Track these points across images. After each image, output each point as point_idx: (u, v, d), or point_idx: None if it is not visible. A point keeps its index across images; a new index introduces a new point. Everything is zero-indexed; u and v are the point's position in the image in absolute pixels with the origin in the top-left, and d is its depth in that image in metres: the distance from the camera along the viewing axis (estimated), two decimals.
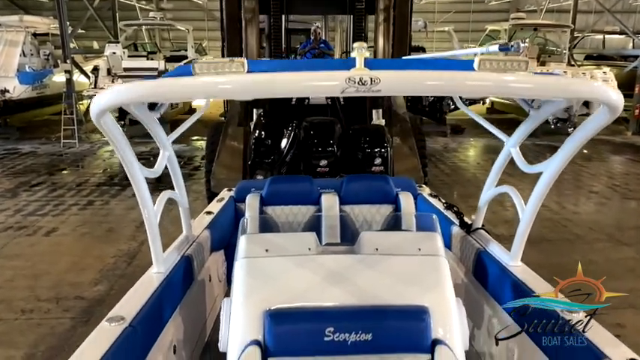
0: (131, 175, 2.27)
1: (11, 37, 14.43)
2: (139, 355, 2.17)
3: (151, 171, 2.44)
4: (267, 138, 5.70)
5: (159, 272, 2.62)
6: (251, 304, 2.02)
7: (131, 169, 2.24)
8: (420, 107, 14.10)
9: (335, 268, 2.13)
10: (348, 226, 3.00)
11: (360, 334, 1.93)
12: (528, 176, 2.62)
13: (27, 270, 5.89)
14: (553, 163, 2.33)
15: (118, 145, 2.08)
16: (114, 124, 1.97)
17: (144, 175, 2.31)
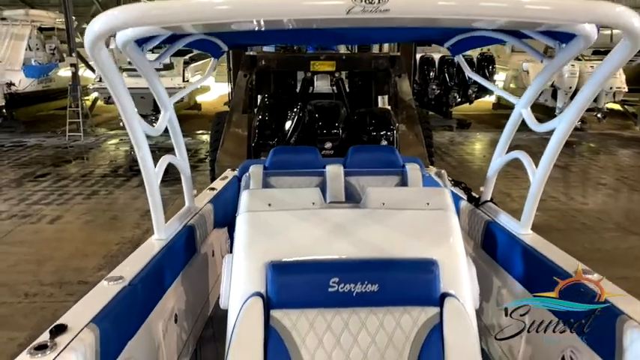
0: (129, 126, 2.15)
1: (17, 31, 14.46)
2: (137, 317, 2.12)
3: (151, 128, 2.37)
4: (271, 120, 5.65)
5: (160, 239, 2.56)
6: (253, 256, 1.95)
7: (128, 118, 2.10)
8: (426, 101, 14.00)
9: (340, 221, 2.05)
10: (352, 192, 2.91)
11: (365, 285, 1.86)
12: None
13: (31, 256, 5.87)
14: (566, 116, 2.23)
15: (112, 84, 1.94)
16: (108, 58, 1.83)
17: (143, 129, 2.22)
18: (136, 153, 2.27)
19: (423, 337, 1.82)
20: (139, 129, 2.17)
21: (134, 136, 2.18)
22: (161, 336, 2.36)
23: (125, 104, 2.01)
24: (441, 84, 13.75)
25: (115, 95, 1.98)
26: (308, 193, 2.20)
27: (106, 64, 1.82)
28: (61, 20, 15.23)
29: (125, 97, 2.00)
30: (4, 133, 13.61)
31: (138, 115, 2.17)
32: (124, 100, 2.00)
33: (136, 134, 2.16)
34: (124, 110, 2.03)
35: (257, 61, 6.50)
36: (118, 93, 1.96)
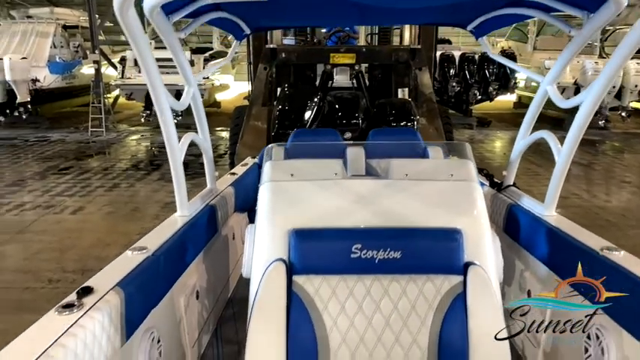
0: (155, 97, 2.13)
1: (42, 29, 14.76)
2: (161, 287, 2.14)
3: (176, 102, 2.38)
4: (291, 110, 5.65)
5: (183, 215, 2.58)
6: (276, 224, 1.95)
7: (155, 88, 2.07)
8: (446, 98, 13.89)
9: (363, 192, 2.03)
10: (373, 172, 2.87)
11: (388, 252, 1.84)
12: None
13: (54, 244, 5.98)
14: (594, 90, 2.14)
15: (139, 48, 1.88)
16: (136, 20, 1.78)
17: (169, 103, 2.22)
18: (161, 126, 2.27)
19: (446, 305, 1.80)
20: (165, 100, 2.17)
21: (159, 108, 2.18)
22: (183, 310, 2.38)
23: (152, 72, 2.01)
24: (461, 81, 13.64)
25: (142, 61, 1.96)
26: (330, 164, 2.19)
27: (133, 27, 1.79)
28: (84, 18, 15.51)
29: (152, 65, 2.00)
30: (29, 128, 13.90)
31: (164, 87, 2.17)
32: (151, 68, 1.99)
33: (162, 106, 2.17)
34: (151, 79, 2.03)
35: (277, 53, 6.52)
36: (145, 59, 1.95)
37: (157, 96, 2.11)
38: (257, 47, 7.25)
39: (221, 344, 2.77)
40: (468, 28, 3.17)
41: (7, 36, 14.68)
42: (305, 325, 1.73)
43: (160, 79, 2.08)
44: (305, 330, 1.73)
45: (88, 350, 1.54)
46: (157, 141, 12.56)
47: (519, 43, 16.35)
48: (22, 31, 14.75)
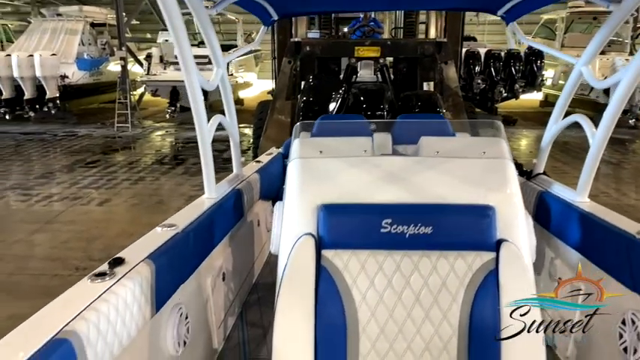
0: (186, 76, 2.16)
1: (71, 27, 15.07)
2: (189, 264, 2.15)
3: (206, 82, 2.39)
4: (315, 102, 5.64)
5: (210, 197, 2.60)
6: (305, 199, 1.93)
7: (187, 67, 2.10)
8: (471, 95, 13.70)
9: (392, 168, 2.00)
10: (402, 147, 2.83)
11: (419, 227, 1.81)
12: None
13: (81, 234, 6.09)
14: (632, 68, 2.07)
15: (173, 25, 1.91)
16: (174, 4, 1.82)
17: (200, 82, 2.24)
18: (191, 106, 2.29)
19: (477, 282, 1.76)
20: (196, 80, 2.19)
21: (190, 87, 2.20)
22: (210, 291, 2.39)
23: (185, 51, 2.03)
24: (487, 78, 13.44)
25: (176, 40, 1.99)
26: (359, 141, 2.17)
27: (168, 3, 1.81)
28: (112, 16, 15.77)
29: (185, 44, 2.02)
30: (58, 123, 14.21)
31: (196, 68, 2.19)
32: (184, 47, 2.02)
33: (193, 85, 2.19)
34: (184, 59, 2.06)
35: (301, 47, 6.52)
36: (179, 38, 1.98)
37: (189, 74, 2.13)
38: (282, 41, 7.26)
39: (246, 327, 2.78)
40: (499, 13, 3.11)
41: (38, 33, 15.05)
42: (333, 299, 1.71)
43: (192, 57, 2.10)
44: (333, 304, 1.71)
45: (120, 317, 1.56)
46: (181, 137, 12.71)
47: (547, 41, 16.05)
48: (51, 29, 15.10)
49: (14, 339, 1.30)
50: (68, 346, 1.31)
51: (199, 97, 2.25)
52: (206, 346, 2.41)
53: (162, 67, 14.08)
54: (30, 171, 9.30)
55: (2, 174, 9.05)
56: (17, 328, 1.35)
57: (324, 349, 1.66)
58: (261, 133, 7.04)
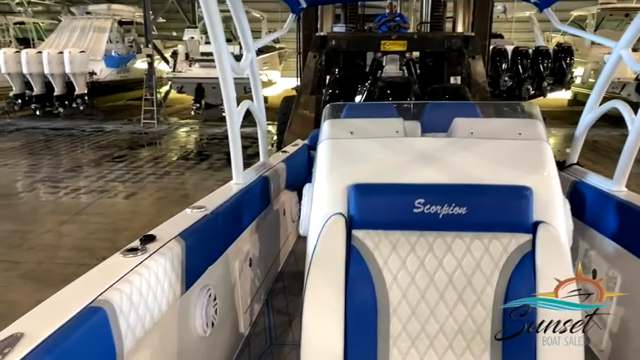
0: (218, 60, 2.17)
1: (100, 24, 15.37)
2: (218, 246, 2.15)
3: (237, 66, 2.39)
4: (341, 95, 5.60)
5: (238, 183, 2.59)
6: (335, 180, 1.89)
7: (219, 50, 2.11)
8: (497, 93, 13.50)
9: (425, 149, 1.95)
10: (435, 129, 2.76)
11: (453, 207, 1.76)
12: None
13: (108, 225, 6.19)
14: None
15: (208, 9, 1.95)
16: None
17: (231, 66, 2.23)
18: (222, 88, 2.29)
19: (513, 264, 1.70)
20: (228, 65, 2.19)
21: (222, 70, 2.20)
22: (237, 275, 2.40)
23: (218, 36, 2.04)
24: (514, 76, 13.21)
25: (210, 24, 2.00)
26: (391, 122, 2.12)
27: None
28: (139, 14, 16.01)
29: (219, 28, 2.03)
30: (86, 119, 14.49)
31: (229, 52, 2.19)
32: (218, 32, 2.02)
33: (224, 69, 2.19)
34: (217, 43, 2.06)
35: (327, 41, 6.49)
36: (213, 23, 1.99)
37: (221, 58, 2.13)
38: (307, 36, 7.25)
39: (272, 314, 2.77)
40: None
41: (68, 31, 15.37)
42: (364, 279, 1.68)
43: (224, 42, 2.11)
44: (364, 285, 1.68)
45: (152, 291, 1.56)
46: (205, 133, 12.83)
47: (577, 38, 15.69)
48: (81, 27, 15.41)
49: (50, 306, 1.31)
50: (102, 315, 1.31)
51: (230, 79, 2.24)
52: (233, 329, 2.41)
53: (187, 64, 14.22)
54: (59, 165, 9.50)
55: (33, 167, 9.27)
56: (52, 297, 1.36)
57: (354, 330, 1.63)
58: (285, 129, 7.03)
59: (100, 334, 1.30)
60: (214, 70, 2.35)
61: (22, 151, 10.65)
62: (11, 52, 13.78)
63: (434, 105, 2.70)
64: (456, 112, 2.30)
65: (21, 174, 8.83)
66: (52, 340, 1.15)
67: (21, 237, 5.74)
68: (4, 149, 10.72)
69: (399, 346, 1.67)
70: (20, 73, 13.58)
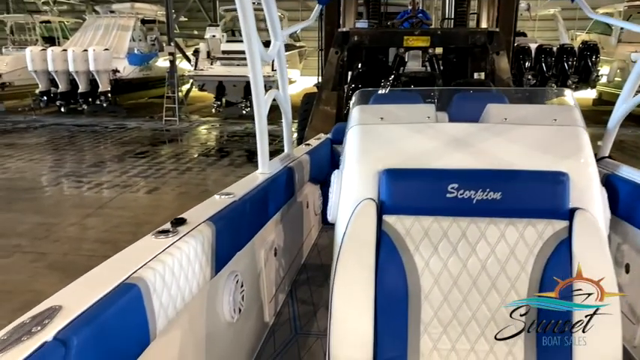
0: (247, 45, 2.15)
1: (123, 23, 15.59)
2: (244, 234, 2.15)
3: (265, 53, 2.38)
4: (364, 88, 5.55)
5: (263, 172, 2.59)
6: (365, 165, 1.86)
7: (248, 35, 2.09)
8: None
9: (458, 135, 1.91)
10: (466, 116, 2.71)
11: (487, 192, 1.71)
12: None
13: (131, 219, 6.26)
14: None
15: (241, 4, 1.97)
16: None
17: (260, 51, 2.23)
18: (250, 75, 2.28)
19: (548, 251, 1.66)
20: (257, 50, 2.18)
21: (251, 56, 2.19)
22: (263, 263, 2.39)
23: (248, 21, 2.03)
24: (537, 74, 13.01)
25: (240, 5, 1.99)
26: (422, 108, 2.09)
27: None
28: (161, 13, 16.20)
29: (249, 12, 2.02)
30: (109, 116, 14.70)
31: (258, 37, 2.18)
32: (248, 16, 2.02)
33: (253, 55, 2.18)
34: (247, 27, 2.05)
35: (350, 37, 6.45)
36: (244, 8, 1.98)
37: (250, 44, 2.12)
38: (329, 32, 7.22)
39: (297, 304, 2.76)
40: None
41: (92, 29, 15.62)
42: (395, 265, 1.65)
43: (254, 27, 2.10)
44: (395, 270, 1.65)
45: (184, 272, 1.56)
46: (226, 130, 12.91)
47: (602, 36, 15.39)
48: (105, 25, 15.65)
49: (86, 281, 1.32)
50: (136, 291, 1.31)
51: (258, 65, 2.23)
52: (258, 318, 2.41)
53: (209, 62, 14.33)
54: (83, 160, 9.65)
55: (57, 162, 9.43)
56: (88, 273, 1.37)
57: (384, 316, 1.60)
58: (306, 125, 7.01)
59: (134, 310, 1.31)
60: (235, 68, 2.36)
61: (47, 146, 10.84)
62: (37, 50, 14.07)
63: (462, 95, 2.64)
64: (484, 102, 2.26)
65: (46, 168, 8.99)
66: (88, 313, 1.16)
67: (46, 229, 5.84)
68: (31, 145, 10.93)
69: (430, 333, 1.64)
70: (46, 70, 13.85)
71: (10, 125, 13.46)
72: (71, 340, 1.06)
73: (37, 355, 1.00)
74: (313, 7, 4.23)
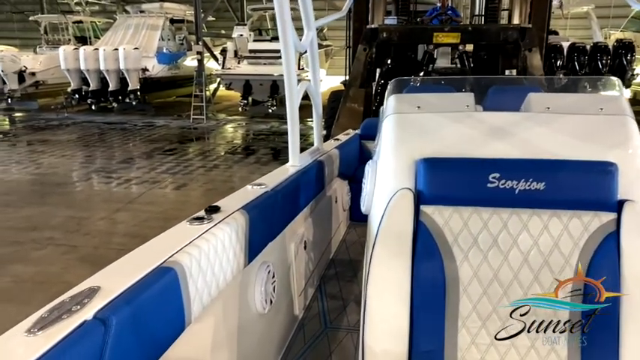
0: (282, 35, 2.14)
1: (152, 22, 15.84)
2: (276, 224, 2.13)
3: (298, 43, 2.37)
4: None
5: (294, 165, 2.57)
6: (402, 154, 1.79)
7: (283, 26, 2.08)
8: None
9: (499, 124, 1.83)
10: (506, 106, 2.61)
11: (530, 182, 1.64)
12: None
13: (159, 214, 6.33)
14: None
15: None
16: None
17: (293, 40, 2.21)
18: (283, 65, 2.27)
19: (594, 244, 1.58)
20: (291, 41, 2.16)
21: (285, 46, 2.17)
22: (293, 256, 2.37)
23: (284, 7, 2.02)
24: (569, 73, 12.71)
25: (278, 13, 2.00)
26: (461, 97, 2.03)
27: None
28: (190, 12, 16.39)
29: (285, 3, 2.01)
30: (138, 114, 14.95)
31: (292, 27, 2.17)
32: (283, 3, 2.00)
33: (287, 45, 2.16)
34: (281, 11, 2.03)
35: (378, 33, 6.40)
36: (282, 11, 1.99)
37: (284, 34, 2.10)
38: (357, 29, 7.18)
39: (326, 299, 2.74)
40: None
41: (122, 29, 15.93)
42: (432, 256, 1.60)
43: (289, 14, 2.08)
44: (432, 262, 1.60)
45: (219, 258, 1.55)
46: (252, 129, 12.98)
47: (638, 34, 14.96)
48: (135, 25, 15.93)
49: (124, 263, 1.32)
50: (173, 275, 1.30)
51: (292, 54, 2.21)
52: (288, 310, 2.39)
53: (236, 61, 14.44)
54: (113, 156, 9.82)
55: (88, 159, 9.62)
56: (125, 256, 1.37)
57: (420, 309, 1.56)
58: (332, 122, 6.99)
59: (171, 293, 1.30)
60: (262, 67, 2.35)
61: (79, 143, 11.07)
62: (70, 49, 14.40)
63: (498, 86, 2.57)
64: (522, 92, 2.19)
65: (77, 164, 9.18)
66: (126, 294, 1.16)
67: (78, 223, 5.95)
68: (63, 141, 11.19)
69: (469, 327, 1.59)
70: (78, 69, 14.17)
71: (44, 122, 13.81)
72: (110, 319, 1.06)
73: (77, 333, 1.00)
74: (340, 7, 4.21)
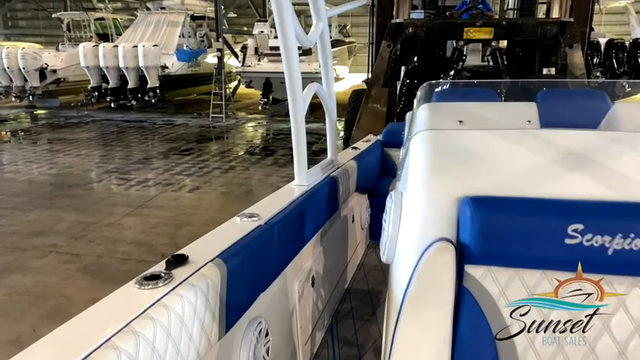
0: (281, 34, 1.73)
1: (173, 19, 15.61)
2: (273, 267, 1.69)
3: (305, 38, 1.94)
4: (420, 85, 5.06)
5: (300, 185, 2.13)
6: (439, 188, 1.34)
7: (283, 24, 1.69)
8: None
9: (577, 147, 1.37)
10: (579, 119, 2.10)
11: (632, 238, 1.17)
12: None
13: (169, 220, 6.02)
14: None
15: None
16: None
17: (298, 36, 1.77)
18: (284, 64, 1.82)
19: None
20: (292, 33, 1.71)
21: (285, 46, 1.75)
22: (296, 299, 1.92)
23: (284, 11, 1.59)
24: (607, 71, 11.99)
25: None
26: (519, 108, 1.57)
27: None
28: (211, 9, 16.11)
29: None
30: (157, 112, 14.74)
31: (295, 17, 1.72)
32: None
33: (289, 43, 1.73)
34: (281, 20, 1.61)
35: (404, 28, 5.94)
36: None
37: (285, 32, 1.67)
38: (381, 24, 6.74)
39: (337, 344, 2.28)
40: None
41: (143, 26, 15.74)
42: (481, 340, 1.16)
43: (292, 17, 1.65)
44: (481, 347, 1.16)
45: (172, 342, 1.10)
46: (272, 128, 12.64)
47: None
48: (155, 21, 15.73)
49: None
50: None
51: (293, 50, 1.76)
52: None
53: (256, 58, 14.12)
54: (129, 156, 9.58)
55: (103, 158, 9.39)
56: (39, 342, 0.95)
57: None
58: (353, 124, 6.58)
59: None
60: (279, 64, 1.90)
61: (96, 142, 10.89)
62: (90, 46, 14.27)
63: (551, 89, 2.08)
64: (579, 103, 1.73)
65: (92, 164, 8.96)
66: None
67: (84, 228, 5.67)
68: (81, 140, 11.02)
69: None
70: (97, 66, 14.03)
71: (63, 120, 13.70)
72: None
73: None
74: None
